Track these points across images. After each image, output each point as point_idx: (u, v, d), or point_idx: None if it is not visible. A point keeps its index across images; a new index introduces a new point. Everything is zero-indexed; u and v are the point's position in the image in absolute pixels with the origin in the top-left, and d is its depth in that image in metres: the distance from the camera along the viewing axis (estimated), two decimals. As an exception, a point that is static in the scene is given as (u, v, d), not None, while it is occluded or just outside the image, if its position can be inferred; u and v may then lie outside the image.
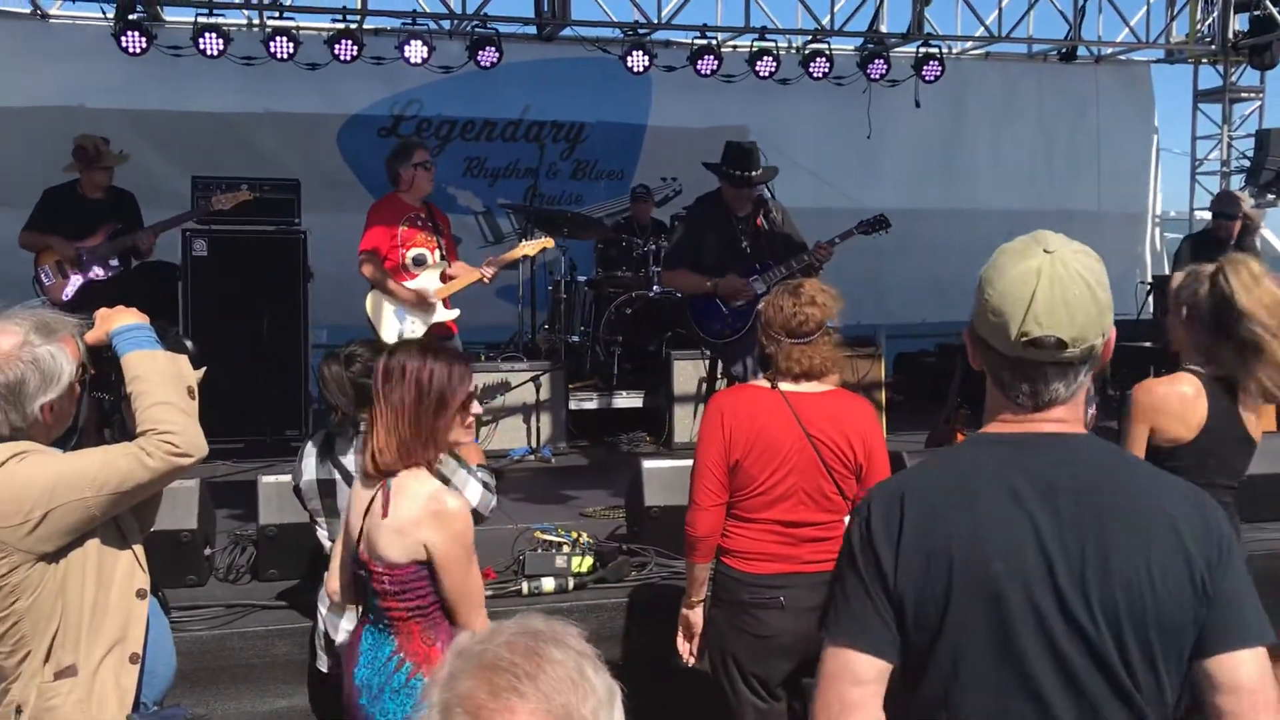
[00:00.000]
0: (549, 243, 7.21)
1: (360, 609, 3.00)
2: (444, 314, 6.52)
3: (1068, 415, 1.82)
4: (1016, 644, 1.72)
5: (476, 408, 3.03)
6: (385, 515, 2.78)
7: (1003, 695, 1.73)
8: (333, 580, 3.13)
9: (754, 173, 5.96)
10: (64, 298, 6.69)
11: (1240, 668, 1.72)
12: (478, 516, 3.22)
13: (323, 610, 3.85)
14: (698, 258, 6.14)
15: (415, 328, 6.41)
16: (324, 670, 3.87)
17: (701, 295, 6.13)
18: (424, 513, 2.77)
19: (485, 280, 6.58)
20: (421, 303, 6.39)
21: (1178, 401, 3.15)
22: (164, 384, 2.54)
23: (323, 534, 3.86)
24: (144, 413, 2.49)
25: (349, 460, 3.73)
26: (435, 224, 6.58)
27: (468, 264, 6.72)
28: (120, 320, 2.65)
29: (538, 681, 1.31)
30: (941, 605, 1.73)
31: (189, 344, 2.75)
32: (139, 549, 2.62)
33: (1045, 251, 1.77)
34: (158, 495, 2.76)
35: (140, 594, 2.59)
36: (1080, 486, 1.75)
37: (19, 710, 2.47)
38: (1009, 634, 1.72)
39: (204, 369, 2.70)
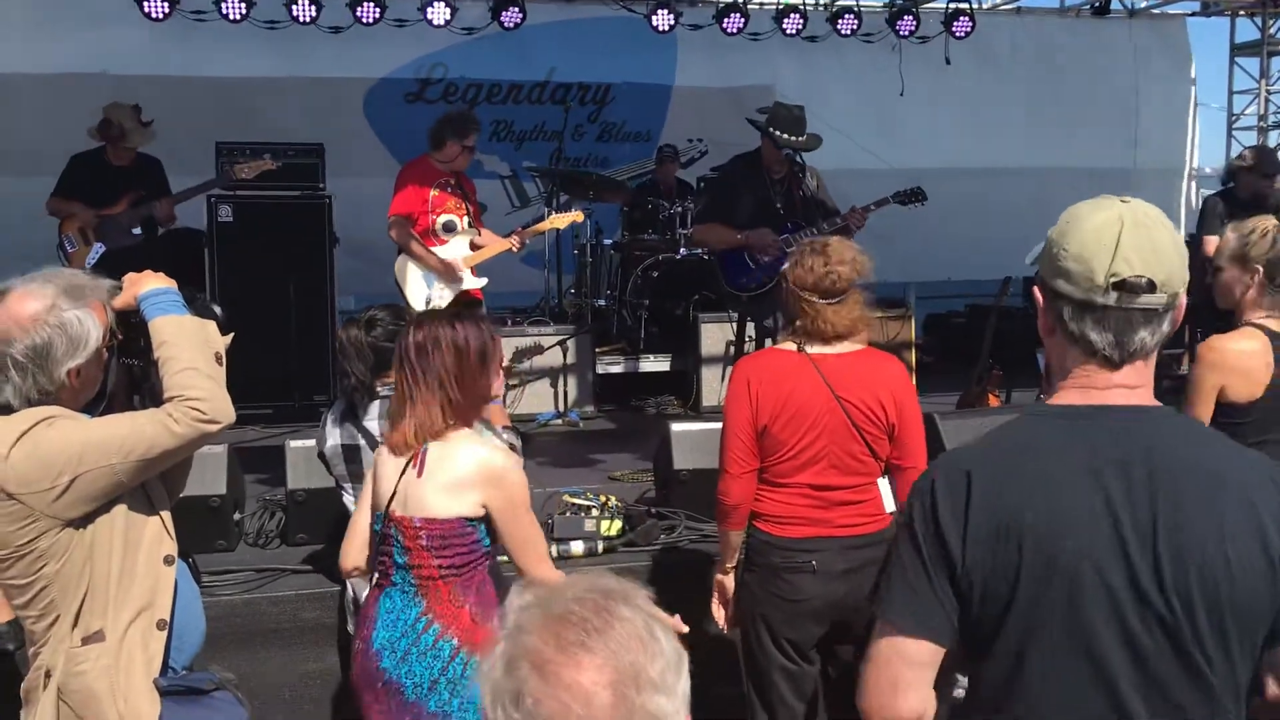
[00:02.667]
0: (579, 217, 7.19)
1: (376, 575, 2.97)
2: (471, 281, 6.49)
3: (1142, 380, 1.77)
4: (1087, 623, 1.68)
5: (505, 359, 3.08)
6: (420, 475, 2.81)
7: (1071, 674, 1.70)
8: (349, 558, 3.06)
9: (802, 138, 5.90)
10: (86, 265, 6.69)
11: None
12: None
13: (352, 575, 3.86)
14: (731, 216, 6.11)
15: (443, 294, 6.39)
16: (354, 633, 3.88)
17: (731, 249, 6.08)
18: (480, 473, 2.83)
19: (514, 250, 6.57)
20: (449, 270, 6.37)
21: (1246, 358, 3.10)
22: (191, 349, 2.51)
23: (348, 499, 3.86)
24: (171, 378, 2.47)
25: (372, 424, 3.72)
26: (464, 190, 6.57)
27: (494, 232, 6.70)
28: (148, 285, 2.61)
29: (607, 637, 1.28)
30: (1011, 583, 1.69)
31: (217, 309, 2.71)
32: (166, 515, 2.60)
33: (1122, 201, 1.75)
34: (187, 462, 2.74)
35: (168, 560, 2.57)
36: (1154, 462, 1.70)
37: (48, 674, 2.47)
38: (1080, 613, 1.68)
39: (232, 334, 2.66)
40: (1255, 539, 1.66)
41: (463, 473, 2.82)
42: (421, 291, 6.37)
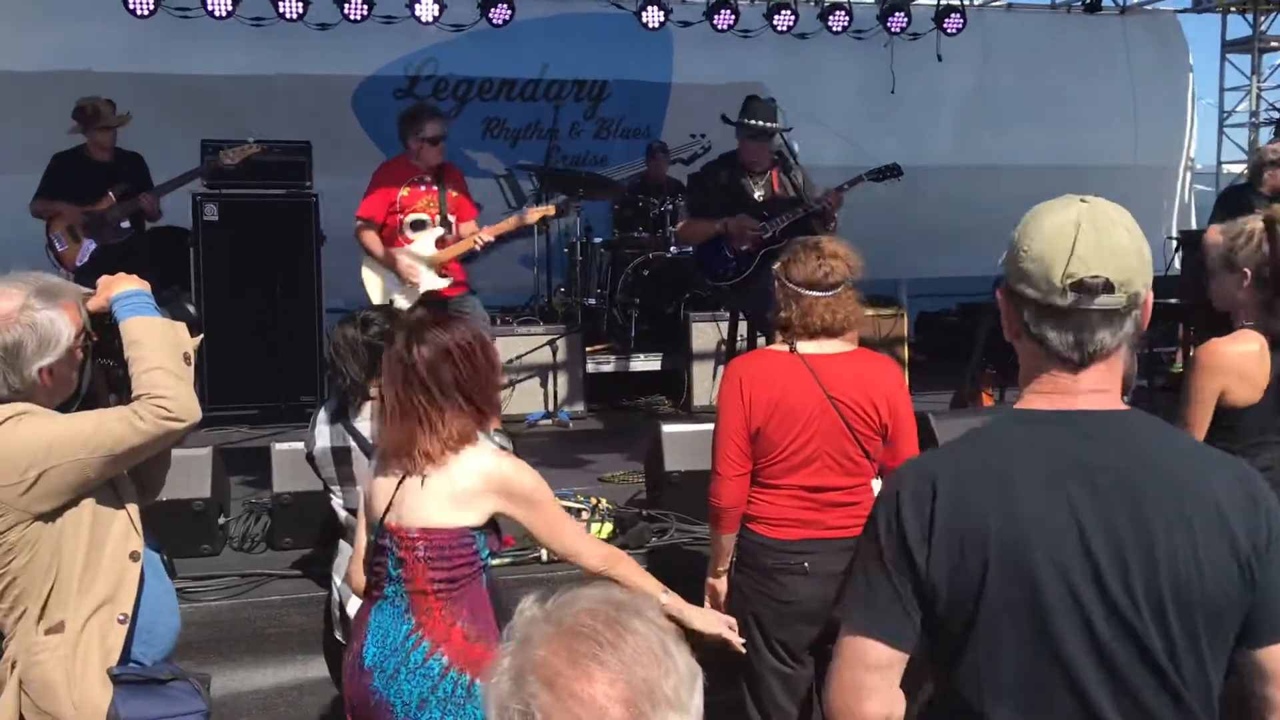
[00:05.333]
0: (551, 210, 7.00)
1: (369, 586, 2.88)
2: (435, 281, 6.24)
3: (1108, 383, 1.75)
4: (1054, 631, 1.66)
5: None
6: (424, 484, 2.72)
7: (1040, 683, 1.67)
8: (356, 577, 2.94)
9: (760, 122, 5.94)
10: (77, 263, 6.62)
11: None
12: None
13: (338, 580, 3.80)
14: (710, 211, 6.14)
15: (408, 295, 6.18)
16: (341, 639, 3.82)
17: (709, 241, 6.13)
18: (488, 484, 2.74)
19: (477, 245, 6.33)
20: (408, 273, 6.16)
21: (1246, 361, 3.06)
22: (159, 349, 2.58)
23: (337, 502, 3.80)
24: (139, 378, 2.54)
25: (363, 425, 3.66)
26: (443, 186, 6.35)
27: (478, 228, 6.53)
28: (120, 287, 2.69)
29: (619, 651, 1.24)
30: (976, 592, 1.67)
31: (191, 309, 2.80)
32: (134, 510, 2.65)
33: (1081, 201, 1.73)
34: (164, 459, 2.80)
35: (133, 556, 2.62)
36: (1120, 467, 1.68)
37: (14, 665, 2.53)
38: (1046, 621, 1.66)
39: (202, 335, 2.74)
40: (1224, 540, 1.66)
41: (469, 485, 2.72)
42: (383, 294, 6.21)
